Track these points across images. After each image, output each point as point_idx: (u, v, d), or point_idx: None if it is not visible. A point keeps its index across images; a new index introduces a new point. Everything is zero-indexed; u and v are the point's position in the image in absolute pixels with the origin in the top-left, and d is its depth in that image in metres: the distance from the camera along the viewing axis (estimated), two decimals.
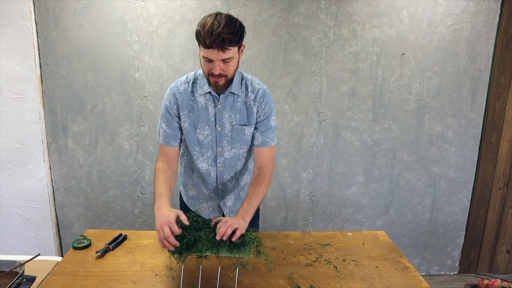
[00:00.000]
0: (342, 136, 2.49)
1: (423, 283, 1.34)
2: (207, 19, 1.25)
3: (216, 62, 1.28)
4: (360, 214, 2.64)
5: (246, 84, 1.47)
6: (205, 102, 1.45)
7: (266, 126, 1.50)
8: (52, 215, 2.49)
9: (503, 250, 2.78)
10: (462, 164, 2.59)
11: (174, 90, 1.46)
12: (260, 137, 1.50)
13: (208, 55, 1.26)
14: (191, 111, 1.46)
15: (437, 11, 2.33)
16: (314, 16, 2.30)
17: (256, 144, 1.52)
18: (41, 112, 2.35)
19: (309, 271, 1.39)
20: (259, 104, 1.47)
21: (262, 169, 1.50)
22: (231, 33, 1.23)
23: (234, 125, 1.47)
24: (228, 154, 1.52)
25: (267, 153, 1.52)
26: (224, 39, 1.22)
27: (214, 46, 1.23)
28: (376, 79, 2.42)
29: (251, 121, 1.48)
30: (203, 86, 1.43)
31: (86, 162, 2.45)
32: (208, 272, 1.35)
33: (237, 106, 1.46)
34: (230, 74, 1.35)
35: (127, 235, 1.61)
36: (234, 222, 1.28)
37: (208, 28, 1.22)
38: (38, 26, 2.24)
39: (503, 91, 2.49)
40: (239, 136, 1.49)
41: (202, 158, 1.52)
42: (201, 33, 1.23)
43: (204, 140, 1.49)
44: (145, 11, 2.24)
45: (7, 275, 1.23)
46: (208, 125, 1.46)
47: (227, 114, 1.46)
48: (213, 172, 1.55)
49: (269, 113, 1.49)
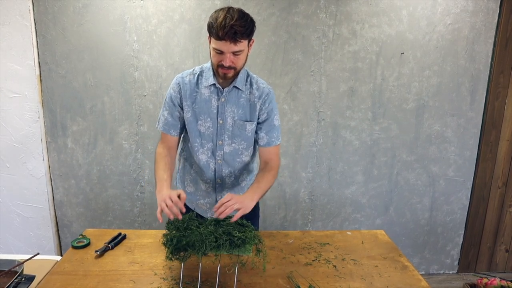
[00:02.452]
0: (342, 136, 2.50)
1: (422, 282, 1.35)
2: (219, 12, 1.30)
3: (227, 54, 1.32)
4: (360, 213, 2.64)
5: (251, 81, 1.51)
6: (209, 94, 1.48)
7: (270, 125, 1.54)
8: (51, 214, 2.49)
9: (502, 249, 2.78)
10: (461, 163, 2.60)
11: (179, 80, 1.50)
12: (266, 137, 1.55)
13: (220, 47, 1.31)
14: (194, 102, 1.48)
15: (436, 10, 2.33)
16: (313, 16, 2.30)
17: (262, 145, 1.56)
18: (40, 111, 2.34)
19: (309, 271, 1.39)
20: (263, 102, 1.50)
21: (268, 163, 1.55)
22: (243, 26, 1.28)
23: (236, 120, 1.50)
24: (228, 149, 1.54)
25: (272, 151, 1.57)
26: (237, 31, 1.26)
27: (226, 38, 1.27)
28: (376, 79, 2.42)
29: (253, 118, 1.51)
30: (208, 78, 1.46)
31: (85, 161, 2.44)
32: (207, 270, 1.35)
33: (240, 101, 1.49)
34: (239, 66, 1.40)
35: (126, 234, 1.61)
36: (238, 201, 1.30)
37: (221, 20, 1.26)
38: (37, 25, 2.24)
39: (502, 90, 2.49)
40: (240, 132, 1.52)
41: (202, 150, 1.54)
42: (214, 25, 1.28)
43: (205, 132, 1.51)
44: (144, 10, 2.24)
45: (6, 274, 1.23)
46: (210, 117, 1.49)
47: (230, 109, 1.49)
48: (212, 165, 1.56)
49: (272, 112, 1.53)
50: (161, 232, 1.59)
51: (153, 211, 2.53)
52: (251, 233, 1.29)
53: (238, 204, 1.29)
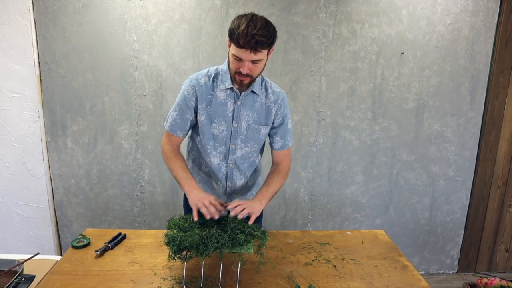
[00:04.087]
0: (342, 135, 2.50)
1: (422, 282, 1.35)
2: (242, 19, 1.28)
3: (246, 62, 1.31)
4: (359, 213, 2.64)
5: (266, 85, 1.51)
6: (225, 97, 1.47)
7: (285, 130, 1.55)
8: (51, 214, 2.49)
9: (502, 249, 2.78)
10: (461, 163, 2.60)
11: (194, 82, 1.47)
12: (281, 141, 1.56)
13: (239, 54, 1.30)
14: (209, 104, 1.47)
15: (436, 10, 2.33)
16: (313, 15, 2.30)
17: (277, 148, 1.58)
18: (40, 111, 2.34)
19: (308, 270, 1.40)
20: (279, 107, 1.51)
21: (280, 165, 1.57)
22: (265, 36, 1.26)
23: (251, 123, 1.50)
24: (240, 152, 1.54)
25: (285, 152, 1.59)
26: (258, 41, 1.25)
27: (247, 46, 1.26)
28: (375, 78, 2.42)
29: (268, 122, 1.52)
30: (225, 81, 1.45)
31: (85, 161, 2.44)
32: (207, 270, 1.35)
33: (255, 105, 1.49)
34: (256, 74, 1.39)
35: (126, 234, 1.61)
36: (249, 205, 1.32)
37: (244, 28, 1.24)
38: (37, 25, 2.24)
39: (502, 90, 2.49)
40: (253, 135, 1.52)
41: (215, 153, 1.54)
42: (235, 32, 1.26)
43: (219, 134, 1.51)
44: (144, 10, 2.24)
45: (6, 274, 1.23)
46: (224, 121, 1.48)
47: (245, 112, 1.48)
48: (224, 168, 1.56)
49: (286, 116, 1.54)
50: (161, 232, 1.59)
51: (153, 211, 2.53)
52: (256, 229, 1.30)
53: (248, 209, 1.31)
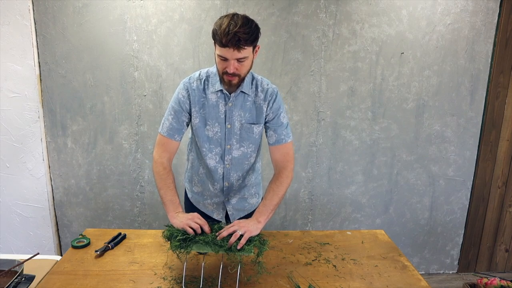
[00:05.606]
0: (341, 135, 2.49)
1: (422, 282, 1.35)
2: (224, 19, 1.29)
3: (231, 61, 1.32)
4: (359, 213, 2.64)
5: (256, 84, 1.52)
6: (216, 99, 1.48)
7: (277, 123, 1.54)
8: (51, 214, 2.49)
9: (502, 249, 2.78)
10: (461, 163, 2.60)
11: (187, 85, 1.49)
12: (274, 135, 1.54)
13: (224, 54, 1.31)
14: (202, 107, 1.49)
15: (436, 10, 2.33)
16: (313, 15, 2.30)
17: (272, 143, 1.55)
18: (40, 111, 2.34)
19: (308, 270, 1.40)
20: (268, 103, 1.51)
21: (279, 166, 1.54)
22: (247, 33, 1.27)
23: (243, 123, 1.51)
24: (236, 153, 1.55)
25: (282, 150, 1.55)
26: (240, 38, 1.26)
27: (230, 45, 1.27)
28: (375, 78, 2.42)
29: (260, 120, 1.52)
30: (215, 84, 1.47)
31: (85, 161, 2.44)
32: (207, 270, 1.35)
33: (247, 105, 1.50)
34: (244, 73, 1.40)
35: (126, 234, 1.61)
36: (245, 225, 1.31)
37: (225, 27, 1.26)
38: (37, 25, 2.24)
39: (502, 90, 2.49)
40: (247, 135, 1.53)
41: (210, 155, 1.55)
42: (218, 32, 1.28)
43: (213, 136, 1.52)
44: (144, 10, 2.24)
45: (6, 274, 1.23)
46: (218, 122, 1.50)
47: (237, 113, 1.49)
48: (220, 169, 1.57)
49: (278, 110, 1.53)
50: (161, 232, 1.59)
51: (153, 211, 2.53)
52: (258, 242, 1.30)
53: (242, 229, 1.30)
